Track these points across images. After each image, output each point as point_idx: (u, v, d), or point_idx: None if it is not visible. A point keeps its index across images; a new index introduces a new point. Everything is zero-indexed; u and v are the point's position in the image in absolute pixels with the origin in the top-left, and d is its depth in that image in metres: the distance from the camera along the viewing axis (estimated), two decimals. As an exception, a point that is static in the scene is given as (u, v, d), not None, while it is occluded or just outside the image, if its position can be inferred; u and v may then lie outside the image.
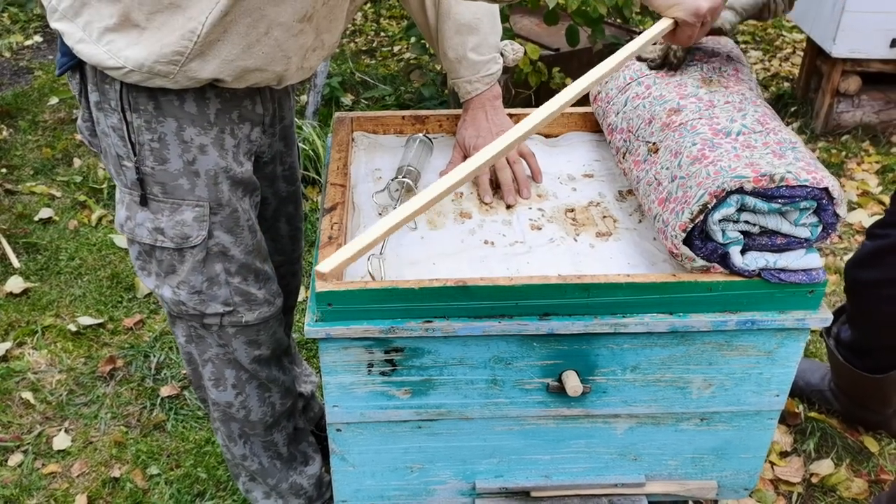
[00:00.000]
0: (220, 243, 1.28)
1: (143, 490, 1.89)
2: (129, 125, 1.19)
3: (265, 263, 1.38)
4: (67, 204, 3.00)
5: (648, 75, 1.39)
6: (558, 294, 1.14)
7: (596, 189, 1.46)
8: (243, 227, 1.30)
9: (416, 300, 1.13)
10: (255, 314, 1.36)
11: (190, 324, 1.37)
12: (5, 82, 4.06)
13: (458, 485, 1.38)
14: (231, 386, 1.43)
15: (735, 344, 1.22)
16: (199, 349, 1.40)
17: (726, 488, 1.42)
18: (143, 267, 1.32)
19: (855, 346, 1.91)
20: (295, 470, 1.62)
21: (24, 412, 2.10)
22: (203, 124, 1.20)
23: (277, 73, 1.22)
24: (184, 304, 1.32)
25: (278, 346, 1.46)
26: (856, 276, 1.86)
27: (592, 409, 1.28)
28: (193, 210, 1.24)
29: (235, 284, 1.32)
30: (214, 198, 1.25)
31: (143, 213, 1.25)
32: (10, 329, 2.37)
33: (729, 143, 1.18)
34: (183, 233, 1.25)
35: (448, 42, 1.44)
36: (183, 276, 1.29)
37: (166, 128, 1.19)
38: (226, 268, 1.30)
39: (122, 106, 1.18)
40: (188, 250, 1.27)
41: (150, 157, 1.21)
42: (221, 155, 1.24)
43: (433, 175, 1.49)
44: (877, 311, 1.82)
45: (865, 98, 3.47)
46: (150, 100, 1.17)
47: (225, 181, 1.25)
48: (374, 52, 4.54)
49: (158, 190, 1.23)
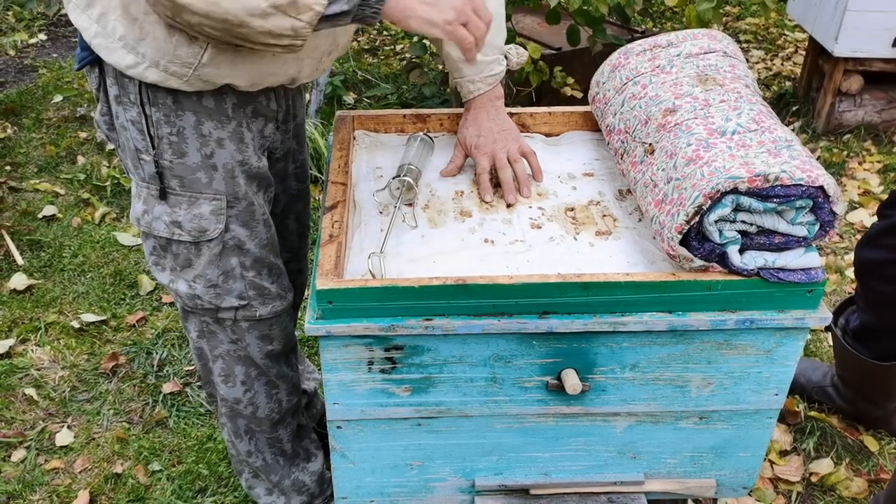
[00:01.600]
0: (236, 237, 1.30)
1: (145, 486, 1.90)
2: (149, 119, 1.21)
3: (277, 258, 1.39)
4: (71, 201, 3.01)
5: (644, 74, 1.39)
6: (558, 292, 1.15)
7: (596, 188, 1.47)
8: (259, 220, 1.32)
9: (417, 298, 1.14)
10: (269, 308, 1.38)
11: (203, 319, 1.38)
12: (10, 80, 4.07)
13: (457, 482, 1.38)
14: (240, 382, 1.45)
15: (734, 343, 1.23)
16: (210, 344, 1.42)
17: (725, 487, 1.43)
18: (158, 262, 1.34)
19: (862, 334, 1.91)
20: (297, 467, 1.63)
21: (28, 408, 2.12)
22: (221, 118, 1.21)
23: (290, 75, 1.23)
24: (199, 298, 1.33)
25: (289, 342, 1.48)
26: (860, 255, 1.86)
27: (591, 408, 1.29)
28: (211, 203, 1.26)
29: (250, 278, 1.33)
30: (231, 191, 1.27)
31: (160, 206, 1.26)
32: (14, 325, 2.39)
33: (724, 143, 1.18)
34: (200, 226, 1.26)
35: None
36: (199, 270, 1.30)
37: (185, 121, 1.21)
38: (241, 261, 1.32)
39: (141, 100, 1.19)
40: (205, 244, 1.28)
41: (168, 150, 1.22)
42: (239, 149, 1.25)
43: (434, 174, 1.50)
44: (881, 292, 1.82)
45: (867, 97, 3.47)
46: (168, 94, 1.19)
47: (241, 175, 1.27)
48: (377, 50, 4.55)
49: (176, 183, 1.25)
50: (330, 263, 1.17)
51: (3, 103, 3.70)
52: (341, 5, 1.06)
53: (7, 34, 4.58)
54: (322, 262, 1.17)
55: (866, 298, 1.87)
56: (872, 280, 1.83)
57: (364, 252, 1.28)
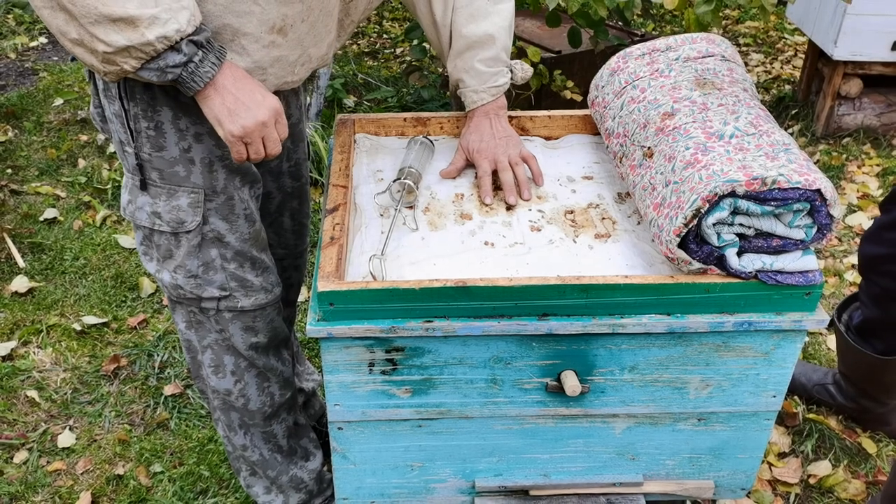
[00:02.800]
0: (215, 229, 1.32)
1: (147, 487, 1.91)
2: (128, 112, 1.23)
3: (263, 253, 1.40)
4: (72, 204, 3.02)
5: (643, 78, 1.40)
6: (557, 295, 1.16)
7: (595, 191, 1.48)
8: (239, 215, 1.33)
9: (417, 300, 1.15)
10: (252, 300, 1.39)
11: (189, 309, 1.40)
12: (10, 83, 4.08)
13: (457, 483, 1.39)
14: (230, 373, 1.46)
15: (732, 345, 1.24)
16: (198, 335, 1.43)
17: (723, 488, 1.43)
18: (146, 252, 1.37)
19: (865, 330, 1.92)
20: (295, 464, 1.64)
21: (30, 410, 2.12)
22: (198, 113, 1.23)
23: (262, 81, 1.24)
24: (181, 288, 1.35)
25: (276, 336, 1.48)
26: (863, 250, 1.87)
27: (591, 409, 1.30)
28: (189, 196, 1.28)
29: (231, 270, 1.35)
30: (209, 185, 1.28)
31: (143, 197, 1.29)
32: (16, 328, 2.39)
33: (722, 147, 1.19)
34: (178, 217, 1.29)
35: (457, 56, 1.46)
36: (179, 261, 1.33)
37: (163, 116, 1.23)
38: (221, 253, 1.34)
39: (120, 94, 1.22)
40: (183, 235, 1.30)
41: (147, 143, 1.25)
42: (218, 144, 1.27)
43: (434, 176, 1.51)
44: (884, 287, 1.83)
45: (866, 101, 3.48)
46: (145, 89, 1.21)
47: (221, 169, 1.29)
48: (377, 53, 4.56)
49: (156, 176, 1.27)
50: (331, 265, 1.18)
51: (3, 106, 3.71)
52: (153, 74, 1.10)
53: (7, 37, 4.59)
54: (323, 265, 1.18)
55: (869, 293, 1.88)
56: (875, 275, 1.84)
57: (365, 254, 1.29)
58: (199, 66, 1.10)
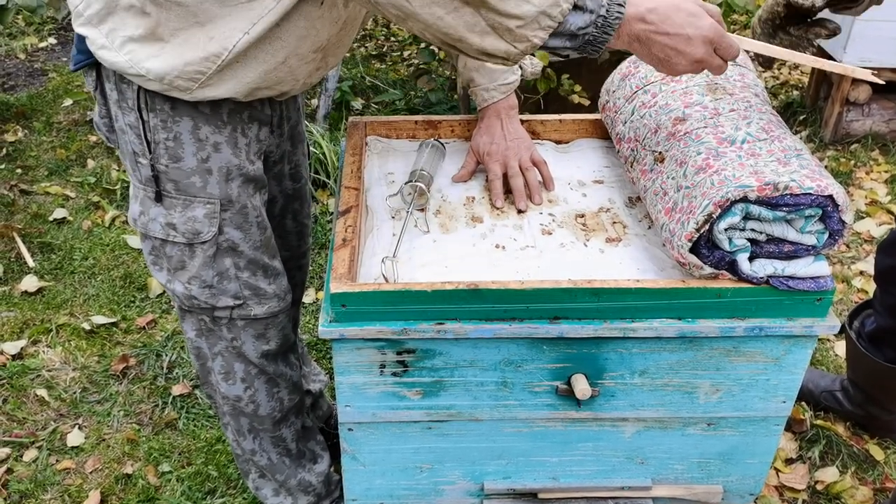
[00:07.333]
0: (230, 239, 1.32)
1: (155, 487, 1.92)
2: (146, 124, 1.22)
3: (274, 259, 1.41)
4: (81, 204, 3.03)
5: (654, 83, 1.41)
6: (568, 298, 1.16)
7: (606, 195, 1.48)
8: (252, 223, 1.33)
9: (429, 302, 1.15)
10: (265, 308, 1.39)
11: (200, 317, 1.40)
12: (20, 84, 4.10)
13: (466, 485, 1.39)
14: (240, 380, 1.46)
15: (743, 350, 1.24)
16: (209, 342, 1.43)
17: (732, 493, 1.43)
18: (156, 262, 1.36)
19: (878, 338, 1.93)
20: (304, 467, 1.64)
21: (39, 409, 2.13)
22: (217, 123, 1.23)
23: (283, 91, 1.26)
24: (195, 299, 1.35)
25: (286, 342, 1.49)
26: (878, 261, 1.88)
27: (600, 413, 1.30)
28: (205, 207, 1.28)
29: (245, 279, 1.35)
30: (225, 195, 1.28)
31: (156, 208, 1.28)
32: (25, 327, 2.41)
33: (734, 152, 1.20)
34: (194, 228, 1.28)
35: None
36: (194, 272, 1.32)
37: (182, 127, 1.23)
38: (235, 262, 1.34)
39: (138, 105, 1.21)
40: (198, 246, 1.30)
41: (164, 155, 1.24)
42: (235, 153, 1.27)
43: (445, 179, 1.51)
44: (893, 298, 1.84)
45: (875, 107, 3.48)
46: (166, 101, 1.21)
47: (237, 178, 1.29)
48: (385, 56, 4.57)
49: (171, 187, 1.26)
50: (343, 267, 1.18)
51: (13, 107, 3.73)
52: (563, 41, 1.07)
53: (17, 38, 4.61)
54: (336, 266, 1.19)
55: (884, 303, 1.89)
56: (891, 286, 1.85)
57: (377, 256, 1.30)
58: (608, 15, 1.06)
